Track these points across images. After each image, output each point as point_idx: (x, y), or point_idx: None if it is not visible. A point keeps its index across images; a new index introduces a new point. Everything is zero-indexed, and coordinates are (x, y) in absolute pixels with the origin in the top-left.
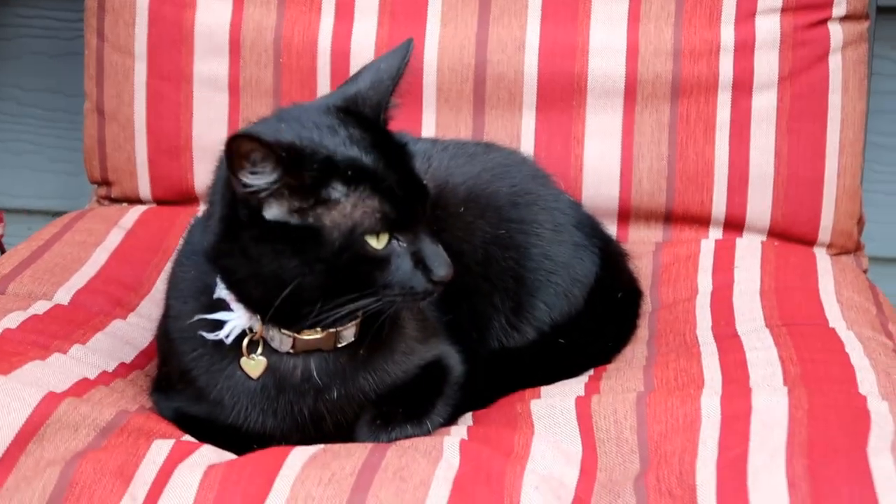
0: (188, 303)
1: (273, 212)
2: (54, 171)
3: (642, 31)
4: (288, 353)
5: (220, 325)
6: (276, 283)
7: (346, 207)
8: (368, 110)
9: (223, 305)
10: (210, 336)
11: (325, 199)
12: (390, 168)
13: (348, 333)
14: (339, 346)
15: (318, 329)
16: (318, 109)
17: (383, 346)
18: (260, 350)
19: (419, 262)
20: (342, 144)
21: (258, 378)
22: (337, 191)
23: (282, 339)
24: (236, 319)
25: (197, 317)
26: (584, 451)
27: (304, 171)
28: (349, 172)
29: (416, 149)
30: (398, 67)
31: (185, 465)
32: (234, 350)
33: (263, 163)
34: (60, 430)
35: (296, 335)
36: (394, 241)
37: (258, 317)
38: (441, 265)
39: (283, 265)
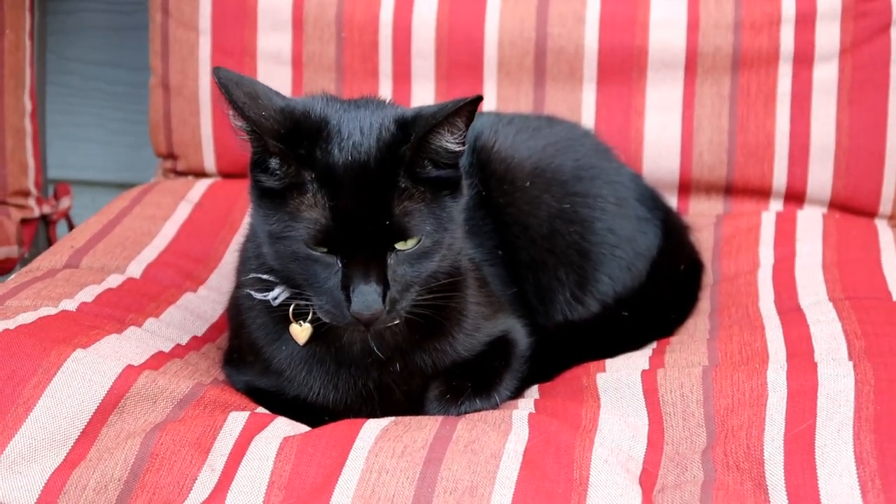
0: (249, 272)
1: (270, 164)
2: (118, 144)
3: (703, 3)
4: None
5: (272, 288)
6: (258, 245)
7: (309, 200)
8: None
9: None
10: (258, 296)
11: (300, 181)
12: (360, 200)
13: None
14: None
15: None
16: (384, 111)
17: (445, 324)
18: (310, 317)
19: (345, 287)
20: (344, 150)
21: (304, 345)
22: (308, 182)
23: None
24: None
25: (252, 275)
26: (650, 425)
27: (269, 139)
28: (313, 174)
29: (481, 122)
30: (445, 116)
31: (261, 437)
32: (287, 320)
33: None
34: (140, 402)
35: None
36: (333, 256)
37: None
38: (359, 302)
39: (260, 226)
